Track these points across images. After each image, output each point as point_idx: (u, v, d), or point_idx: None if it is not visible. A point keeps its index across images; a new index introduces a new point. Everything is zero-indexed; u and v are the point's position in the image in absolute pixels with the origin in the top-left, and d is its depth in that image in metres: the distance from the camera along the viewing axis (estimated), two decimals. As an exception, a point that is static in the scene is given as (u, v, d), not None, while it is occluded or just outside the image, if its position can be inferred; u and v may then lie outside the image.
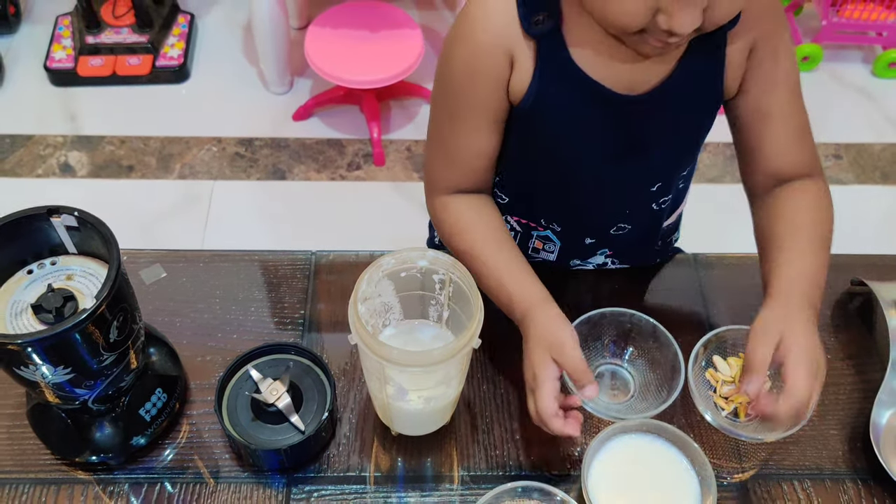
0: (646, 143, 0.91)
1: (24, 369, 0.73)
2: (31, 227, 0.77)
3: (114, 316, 0.75)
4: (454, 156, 0.94)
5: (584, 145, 0.91)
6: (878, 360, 0.97)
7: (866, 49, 2.56)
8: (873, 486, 0.89)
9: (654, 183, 0.97)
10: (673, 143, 0.94)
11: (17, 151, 2.27)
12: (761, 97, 0.90)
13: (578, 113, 0.88)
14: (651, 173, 0.96)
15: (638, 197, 0.98)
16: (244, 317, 0.99)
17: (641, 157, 0.93)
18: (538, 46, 0.84)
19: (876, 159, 2.30)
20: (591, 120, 0.88)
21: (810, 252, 0.87)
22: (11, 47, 2.52)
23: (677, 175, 1.00)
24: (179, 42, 2.48)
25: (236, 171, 2.25)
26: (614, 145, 0.91)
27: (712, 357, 0.94)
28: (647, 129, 0.90)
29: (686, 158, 0.99)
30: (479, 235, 0.92)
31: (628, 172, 0.94)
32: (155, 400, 0.87)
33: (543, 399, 0.81)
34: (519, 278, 0.89)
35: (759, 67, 0.89)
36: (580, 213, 1.00)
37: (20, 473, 0.87)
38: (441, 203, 0.96)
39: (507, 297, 0.88)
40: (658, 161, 0.95)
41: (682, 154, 0.97)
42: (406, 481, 0.88)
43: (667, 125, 0.91)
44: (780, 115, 0.91)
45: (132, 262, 1.02)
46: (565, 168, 0.94)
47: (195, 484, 0.87)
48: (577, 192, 0.97)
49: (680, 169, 0.99)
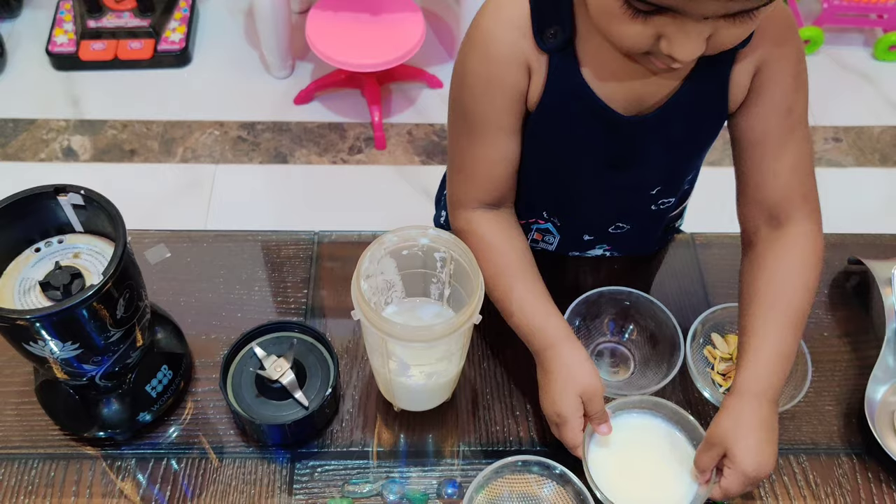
0: (648, 156, 0.91)
1: (32, 345, 0.74)
2: (39, 206, 0.78)
3: (120, 293, 0.76)
4: (474, 169, 0.91)
5: (585, 156, 0.91)
6: (874, 337, 0.98)
7: (867, 32, 2.56)
8: (867, 460, 0.90)
9: (654, 188, 0.96)
10: (675, 155, 0.93)
11: (20, 136, 2.28)
12: (757, 121, 0.87)
13: (582, 128, 0.87)
14: (651, 181, 0.95)
15: (637, 201, 0.98)
16: (248, 296, 1.00)
17: (642, 168, 0.92)
18: (550, 60, 0.83)
19: (875, 142, 2.30)
20: (594, 135, 0.88)
21: (780, 338, 0.85)
22: (13, 32, 2.53)
23: (680, 180, 0.99)
24: (181, 26, 2.49)
25: (238, 155, 2.26)
26: (616, 158, 0.90)
27: (710, 334, 0.95)
28: (649, 145, 0.89)
29: (689, 166, 0.98)
30: (504, 260, 0.90)
31: (628, 179, 0.93)
32: (161, 377, 0.88)
33: (577, 435, 0.84)
34: (542, 310, 0.88)
35: (760, 90, 0.86)
36: (579, 214, 1.00)
37: (29, 449, 0.88)
38: (465, 219, 0.93)
39: (528, 326, 0.88)
40: (659, 171, 0.94)
41: (684, 163, 0.97)
42: (408, 456, 0.89)
43: (670, 141, 0.90)
44: (776, 142, 0.87)
45: (137, 242, 1.04)
46: (566, 173, 0.94)
47: (200, 459, 0.88)
48: (576, 195, 0.97)
49: (683, 175, 0.99)
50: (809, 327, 0.99)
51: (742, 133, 0.89)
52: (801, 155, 0.88)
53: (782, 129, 0.87)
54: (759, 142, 0.88)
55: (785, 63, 0.85)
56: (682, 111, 0.86)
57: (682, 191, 1.02)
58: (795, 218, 0.88)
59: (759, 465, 0.80)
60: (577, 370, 0.84)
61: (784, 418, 0.92)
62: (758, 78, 0.86)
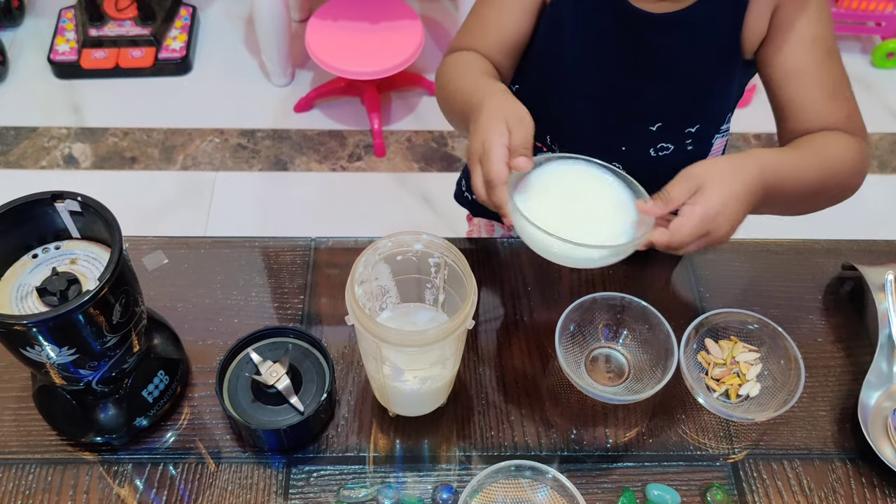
0: (652, 67, 0.92)
1: (29, 350, 0.75)
2: (36, 213, 0.79)
3: (116, 298, 0.77)
4: (476, 26, 0.97)
5: (593, 52, 0.93)
6: (868, 342, 0.99)
7: (865, 39, 2.56)
8: (861, 465, 0.90)
9: (654, 121, 0.96)
10: (679, 80, 0.94)
11: (22, 143, 2.29)
12: (788, 54, 0.89)
13: (594, 20, 0.90)
14: (653, 108, 0.96)
15: (636, 131, 0.97)
16: (245, 302, 1.01)
17: (646, 82, 0.93)
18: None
19: (873, 148, 2.31)
20: (603, 26, 0.90)
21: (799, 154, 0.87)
22: (15, 40, 2.54)
23: (682, 125, 0.99)
24: (182, 34, 2.50)
25: (238, 163, 2.27)
26: (621, 60, 0.92)
27: (704, 340, 0.96)
28: (655, 53, 0.91)
29: (693, 111, 0.98)
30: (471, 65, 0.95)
31: (630, 97, 0.93)
32: (157, 382, 0.89)
33: (495, 163, 0.77)
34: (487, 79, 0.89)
35: (784, 24, 0.88)
36: (579, 134, 1.01)
37: (26, 454, 0.89)
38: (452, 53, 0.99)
39: (470, 93, 0.87)
40: (662, 95, 0.95)
41: (687, 100, 0.97)
42: (404, 461, 0.90)
43: (676, 55, 0.91)
44: (807, 72, 0.89)
45: (135, 248, 1.04)
46: (574, 77, 0.95)
47: (197, 464, 0.89)
48: (580, 106, 0.97)
49: (686, 120, 0.99)
50: (803, 332, 1.00)
51: (772, 69, 0.91)
52: (836, 82, 0.90)
53: (812, 59, 0.89)
54: (790, 74, 0.90)
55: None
56: (692, 25, 0.88)
57: (684, 144, 1.01)
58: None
59: (721, 212, 0.77)
60: (507, 102, 0.82)
61: (778, 424, 0.93)
62: (777, 14, 0.88)
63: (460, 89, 0.92)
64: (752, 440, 0.92)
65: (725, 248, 1.08)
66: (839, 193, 0.93)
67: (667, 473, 0.89)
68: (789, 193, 0.87)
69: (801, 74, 0.90)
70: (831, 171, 0.89)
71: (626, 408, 0.94)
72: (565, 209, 0.79)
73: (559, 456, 0.90)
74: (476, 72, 0.95)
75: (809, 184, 0.87)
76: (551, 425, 0.92)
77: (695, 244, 0.79)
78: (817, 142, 0.90)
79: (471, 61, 0.97)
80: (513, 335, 0.99)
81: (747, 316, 0.95)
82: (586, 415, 0.93)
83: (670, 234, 0.77)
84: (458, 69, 0.96)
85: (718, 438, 0.92)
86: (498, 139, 0.79)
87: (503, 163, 0.78)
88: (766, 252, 1.08)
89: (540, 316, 1.00)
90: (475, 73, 0.94)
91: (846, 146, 0.91)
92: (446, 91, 0.96)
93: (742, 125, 2.31)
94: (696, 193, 0.78)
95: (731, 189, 0.79)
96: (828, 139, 0.90)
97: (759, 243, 1.09)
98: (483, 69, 0.96)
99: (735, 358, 0.94)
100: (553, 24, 0.94)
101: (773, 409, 0.88)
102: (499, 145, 0.78)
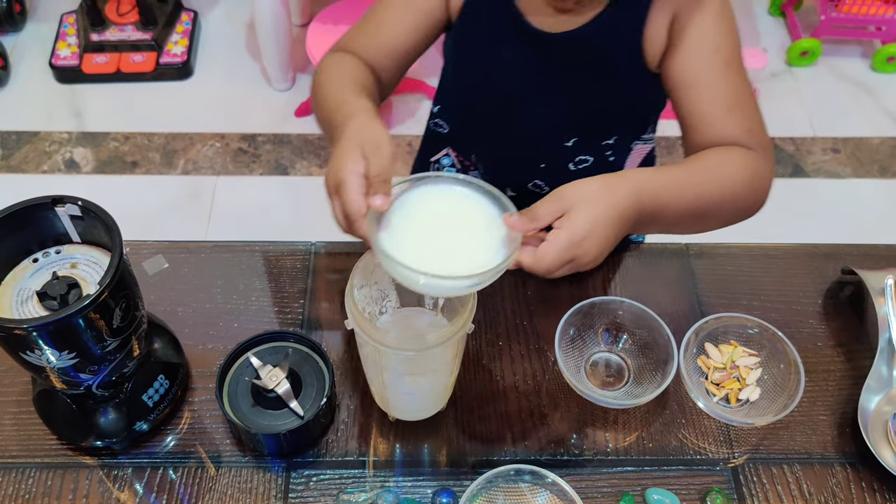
0: (559, 85, 0.93)
1: (30, 354, 0.75)
2: (37, 217, 0.79)
3: (116, 303, 0.77)
4: (369, 24, 0.98)
5: (499, 77, 0.94)
6: (868, 347, 0.99)
7: (865, 43, 2.57)
8: (861, 469, 0.90)
9: (568, 136, 0.96)
10: (587, 96, 0.95)
11: (24, 148, 2.29)
12: (685, 65, 0.88)
13: (498, 41, 0.91)
14: (565, 125, 0.96)
15: (553, 148, 0.96)
16: (245, 306, 1.01)
17: (555, 100, 0.94)
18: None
19: (874, 153, 2.31)
20: (508, 47, 0.91)
21: (685, 171, 0.85)
22: (17, 45, 2.55)
23: (597, 139, 0.99)
24: (183, 39, 2.51)
25: (239, 167, 2.27)
26: (528, 79, 0.93)
27: (703, 344, 0.96)
28: (561, 71, 0.92)
29: (606, 124, 0.98)
30: (346, 72, 0.94)
31: (542, 116, 0.93)
32: (157, 386, 0.89)
33: (349, 194, 0.73)
34: (356, 95, 0.86)
35: (681, 33, 0.87)
36: (498, 153, 1.01)
37: (27, 458, 0.89)
38: (336, 53, 0.98)
39: (336, 107, 0.83)
40: (571, 112, 0.95)
41: (598, 114, 0.97)
42: (403, 465, 0.90)
43: (580, 72, 0.92)
44: (705, 83, 0.88)
45: (135, 253, 1.04)
46: (486, 97, 0.96)
47: (197, 468, 0.89)
48: (495, 125, 0.98)
49: (601, 133, 0.99)
50: (803, 336, 1.00)
51: (673, 80, 0.90)
52: (736, 94, 0.88)
53: (711, 70, 0.87)
54: (691, 84, 0.88)
55: (702, 5, 0.86)
56: (593, 42, 0.89)
57: (603, 155, 1.01)
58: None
59: (587, 237, 0.74)
60: (365, 127, 0.77)
61: (778, 428, 0.93)
62: (676, 23, 0.88)
63: (328, 98, 0.89)
64: (751, 444, 0.92)
65: (724, 252, 1.08)
66: (736, 211, 0.89)
67: (666, 478, 0.89)
68: (673, 213, 0.84)
69: (700, 86, 0.88)
70: (722, 190, 0.86)
71: (625, 412, 0.94)
72: (432, 237, 0.75)
73: (559, 460, 0.90)
74: (349, 82, 0.91)
75: (695, 203, 0.84)
76: (551, 429, 0.92)
77: (560, 270, 0.75)
78: (709, 159, 0.87)
79: (348, 68, 0.94)
80: (512, 339, 0.99)
81: (747, 320, 0.95)
82: (586, 419, 0.93)
83: (536, 258, 0.74)
84: (332, 75, 0.94)
85: (718, 443, 0.92)
86: (353, 168, 0.74)
87: (360, 195, 0.73)
88: (766, 256, 1.08)
89: (539, 320, 1.01)
90: (347, 84, 0.90)
91: (743, 162, 0.87)
92: (318, 95, 0.92)
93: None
94: (563, 217, 0.75)
95: (599, 213, 0.75)
96: (721, 155, 0.87)
97: (759, 247, 1.09)
98: (358, 79, 0.93)
99: (735, 362, 0.94)
100: (461, 46, 0.95)
101: (773, 414, 0.89)
102: (354, 175, 0.74)
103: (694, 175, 0.85)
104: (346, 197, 0.73)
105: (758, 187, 0.88)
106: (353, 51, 0.98)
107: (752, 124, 0.89)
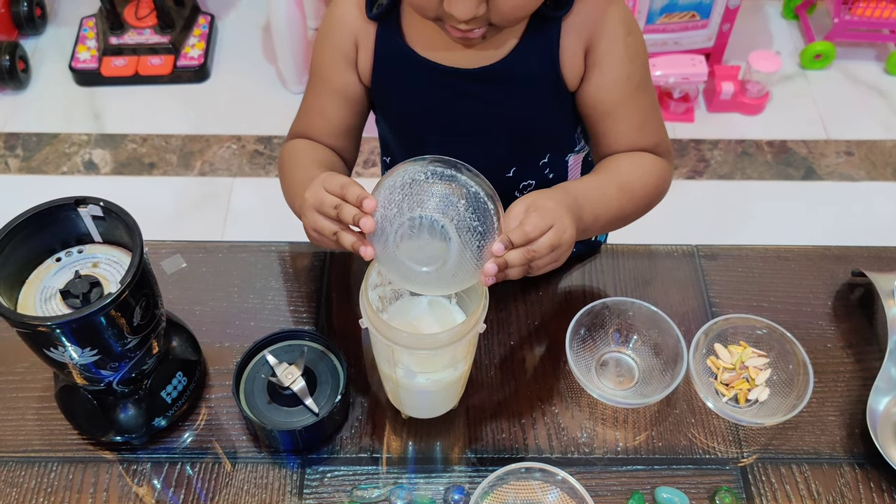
0: (486, 121, 0.96)
1: (53, 351, 0.77)
2: (60, 217, 0.81)
3: (137, 301, 0.79)
4: (305, 113, 1.02)
5: (429, 123, 0.97)
6: (877, 348, 0.99)
7: (879, 46, 2.56)
8: (869, 470, 0.91)
9: (507, 167, 1.01)
10: (514, 126, 0.97)
11: (44, 149, 2.32)
12: (599, 93, 0.93)
13: (416, 90, 0.93)
14: (502, 157, 1.00)
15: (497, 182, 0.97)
16: (261, 305, 1.03)
17: (486, 137, 0.97)
18: (377, 30, 0.92)
19: (888, 156, 2.30)
20: (429, 96, 0.94)
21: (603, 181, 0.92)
22: (38, 48, 2.58)
23: (533, 161, 1.02)
24: (200, 42, 2.53)
25: (255, 169, 2.29)
26: (457, 122, 0.96)
27: (713, 345, 0.97)
28: (482, 108, 0.94)
29: (538, 147, 1.02)
30: (302, 155, 0.99)
31: (479, 153, 0.93)
32: (175, 383, 0.91)
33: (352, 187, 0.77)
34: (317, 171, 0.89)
35: (595, 65, 0.92)
36: None
37: (49, 452, 0.91)
38: (290, 141, 1.03)
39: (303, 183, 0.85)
40: (506, 144, 0.99)
41: (529, 140, 1.00)
42: (416, 463, 0.91)
43: (502, 105, 0.94)
44: (619, 107, 0.94)
45: (154, 253, 1.06)
46: (421, 144, 0.98)
47: (213, 464, 0.91)
48: None
49: (536, 155, 1.02)
50: (812, 338, 1.00)
51: (589, 106, 0.95)
52: (645, 114, 0.95)
53: (625, 96, 0.93)
54: (607, 112, 0.94)
55: (611, 34, 0.91)
56: (510, 75, 0.92)
57: (542, 174, 1.05)
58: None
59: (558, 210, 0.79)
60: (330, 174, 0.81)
61: (787, 429, 0.93)
62: (591, 55, 0.92)
63: (294, 179, 0.95)
64: (760, 444, 0.93)
65: (735, 254, 1.09)
66: (645, 210, 0.98)
67: (676, 476, 0.90)
68: (604, 220, 0.91)
69: (613, 110, 0.94)
70: (638, 201, 0.95)
71: (635, 411, 0.95)
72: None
73: (569, 458, 0.91)
74: (313, 163, 0.97)
75: (616, 206, 0.92)
76: (562, 428, 0.93)
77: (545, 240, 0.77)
78: (627, 171, 0.94)
79: (309, 151, 1.00)
80: (524, 339, 1.00)
81: (757, 321, 0.96)
82: (596, 418, 0.94)
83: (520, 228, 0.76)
84: (297, 159, 0.99)
85: (727, 442, 0.93)
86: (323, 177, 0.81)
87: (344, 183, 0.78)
88: (777, 258, 1.09)
89: (551, 320, 1.02)
90: (312, 165, 0.96)
91: (652, 168, 0.96)
92: (284, 180, 0.99)
93: (755, 133, 2.32)
94: (529, 208, 0.79)
95: (559, 201, 0.81)
96: (636, 165, 0.95)
97: (770, 249, 1.10)
98: (321, 160, 0.98)
99: (744, 363, 0.95)
100: (383, 103, 0.99)
101: (782, 414, 0.89)
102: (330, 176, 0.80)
103: (617, 188, 0.92)
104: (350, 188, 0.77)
105: (662, 189, 0.98)
106: (308, 136, 1.02)
107: (658, 138, 0.97)
